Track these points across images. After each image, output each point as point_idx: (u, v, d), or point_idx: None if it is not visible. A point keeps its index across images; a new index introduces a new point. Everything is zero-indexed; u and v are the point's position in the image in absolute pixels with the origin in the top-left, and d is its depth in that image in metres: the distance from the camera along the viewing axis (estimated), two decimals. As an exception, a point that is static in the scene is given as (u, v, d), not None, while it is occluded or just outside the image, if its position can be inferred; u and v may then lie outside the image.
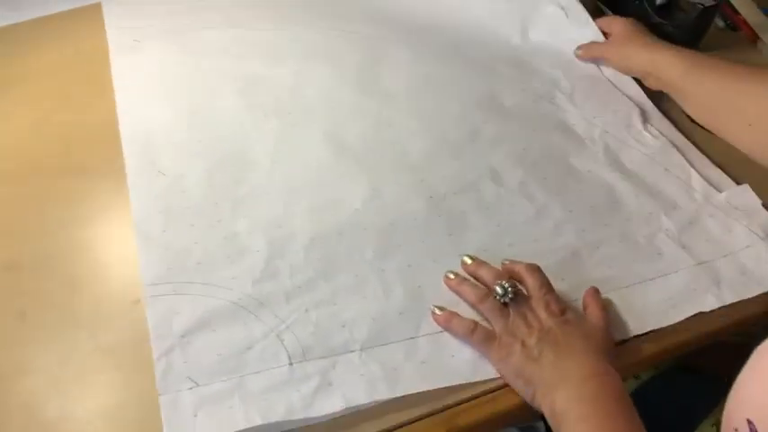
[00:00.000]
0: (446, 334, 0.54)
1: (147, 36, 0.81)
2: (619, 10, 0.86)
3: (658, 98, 0.77)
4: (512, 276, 0.56)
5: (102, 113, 0.71)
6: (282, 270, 0.57)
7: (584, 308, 0.55)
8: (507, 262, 0.58)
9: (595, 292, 0.56)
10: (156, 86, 0.75)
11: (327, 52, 0.81)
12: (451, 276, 0.57)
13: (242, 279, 0.56)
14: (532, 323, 0.51)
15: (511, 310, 0.53)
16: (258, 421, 0.48)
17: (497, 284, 0.54)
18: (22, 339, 0.53)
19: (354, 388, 0.50)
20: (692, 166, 0.69)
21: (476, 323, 0.53)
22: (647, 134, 0.72)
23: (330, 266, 0.58)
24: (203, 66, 0.78)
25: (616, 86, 0.79)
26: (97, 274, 0.59)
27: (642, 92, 0.78)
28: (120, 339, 0.53)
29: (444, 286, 0.57)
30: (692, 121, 0.73)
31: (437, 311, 0.54)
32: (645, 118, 0.75)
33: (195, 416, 0.48)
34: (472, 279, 0.57)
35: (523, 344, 0.50)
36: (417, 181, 0.66)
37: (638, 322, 0.55)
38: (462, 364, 0.52)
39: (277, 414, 0.48)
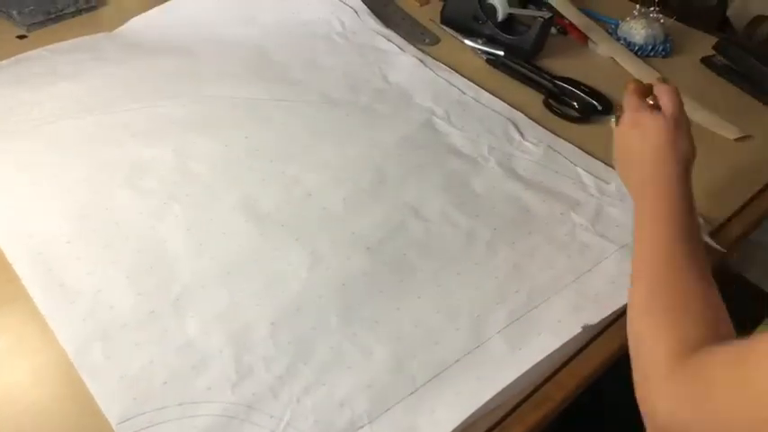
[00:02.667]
0: (443, 375, 0.54)
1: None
2: (463, 31, 0.93)
3: (525, 107, 0.84)
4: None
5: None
6: (256, 365, 0.54)
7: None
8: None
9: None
10: (27, 194, 0.66)
11: (199, 122, 0.77)
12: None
13: (219, 387, 0.52)
14: None
15: None
16: None
17: None
18: None
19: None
20: (575, 164, 0.76)
21: None
22: (527, 143, 0.79)
23: (302, 347, 0.55)
24: (71, 160, 0.70)
25: (484, 105, 0.85)
26: (37, 424, 0.50)
27: (507, 105, 0.85)
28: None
29: (421, 332, 0.58)
30: (559, 115, 0.81)
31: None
32: (519, 128, 0.81)
33: None
34: None
35: None
36: (349, 235, 0.66)
37: (597, 308, 0.60)
38: (465, 399, 0.53)
39: None
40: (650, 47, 0.98)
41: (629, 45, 0.99)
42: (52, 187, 0.67)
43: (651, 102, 0.62)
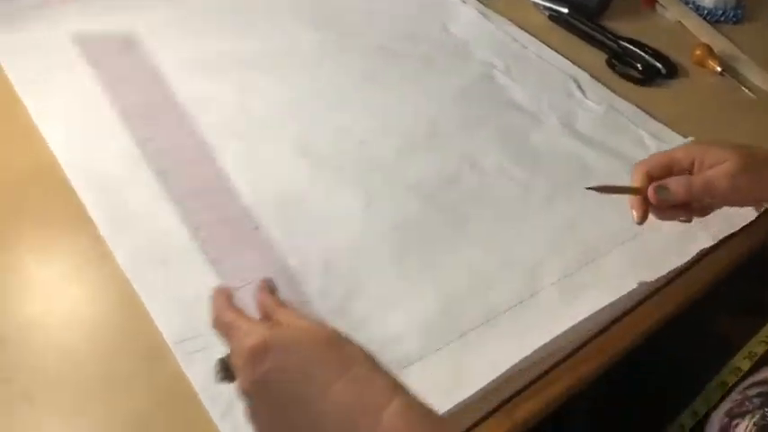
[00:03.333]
0: (494, 321, 0.54)
1: (53, 66, 0.72)
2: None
3: (586, 66, 0.82)
4: None
5: (36, 157, 0.62)
6: (311, 296, 0.54)
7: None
8: None
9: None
10: (88, 120, 0.67)
11: (258, 62, 0.77)
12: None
13: (273, 315, 0.53)
14: None
15: None
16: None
17: None
18: (37, 427, 0.46)
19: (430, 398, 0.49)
20: (637, 125, 0.75)
21: None
22: (588, 102, 0.77)
23: (355, 285, 0.56)
24: (132, 90, 0.71)
25: (546, 61, 0.83)
26: (95, 338, 0.51)
27: (569, 62, 0.83)
28: (150, 407, 0.48)
29: (473, 278, 0.57)
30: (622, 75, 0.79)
31: None
32: (580, 86, 0.80)
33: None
34: None
35: None
36: (402, 182, 0.65)
37: (653, 267, 0.59)
38: (514, 346, 0.52)
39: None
40: (720, 12, 0.95)
41: (697, 9, 0.96)
42: (110, 113, 0.67)
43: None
